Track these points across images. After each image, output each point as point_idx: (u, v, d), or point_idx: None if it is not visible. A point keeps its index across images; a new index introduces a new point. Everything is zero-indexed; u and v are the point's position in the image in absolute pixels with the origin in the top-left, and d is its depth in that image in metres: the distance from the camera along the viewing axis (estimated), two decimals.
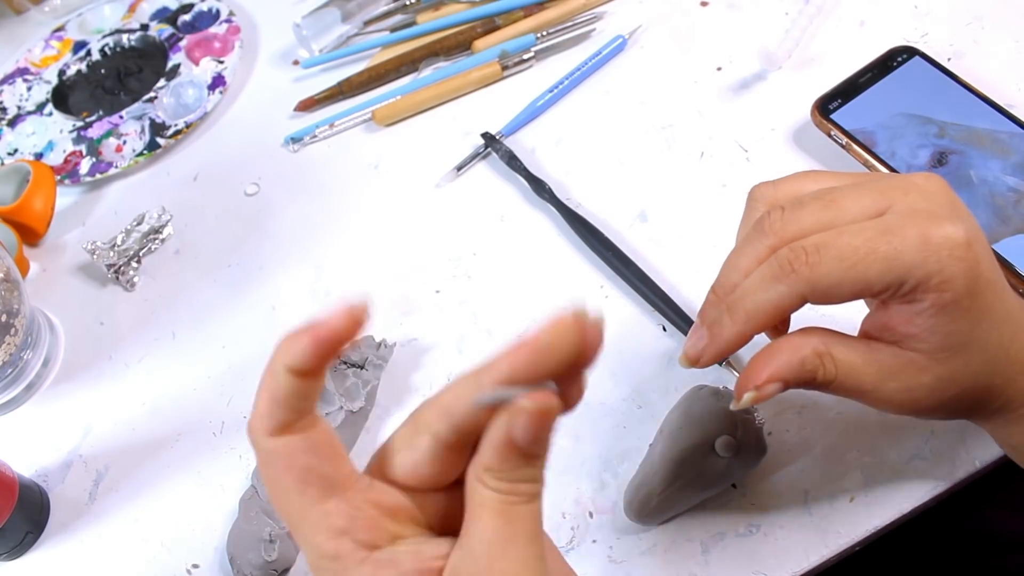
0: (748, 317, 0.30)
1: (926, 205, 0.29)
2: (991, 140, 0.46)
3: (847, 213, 0.29)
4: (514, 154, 0.54)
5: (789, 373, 0.30)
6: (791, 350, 0.30)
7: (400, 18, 0.66)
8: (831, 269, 0.28)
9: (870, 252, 0.28)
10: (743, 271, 0.31)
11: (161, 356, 0.52)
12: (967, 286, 0.28)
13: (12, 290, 0.49)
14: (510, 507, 0.24)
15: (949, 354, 0.29)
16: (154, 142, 0.62)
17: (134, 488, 0.46)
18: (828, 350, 0.30)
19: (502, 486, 0.24)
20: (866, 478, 0.39)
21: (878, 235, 0.28)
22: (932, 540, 0.46)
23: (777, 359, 0.30)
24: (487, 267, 0.50)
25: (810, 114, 0.50)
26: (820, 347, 0.30)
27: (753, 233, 0.31)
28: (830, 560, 0.38)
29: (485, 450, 0.24)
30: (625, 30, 0.59)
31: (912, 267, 0.27)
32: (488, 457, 0.24)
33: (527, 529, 0.24)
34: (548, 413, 0.23)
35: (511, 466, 0.24)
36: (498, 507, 0.24)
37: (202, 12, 0.70)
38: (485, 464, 0.24)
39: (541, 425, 0.23)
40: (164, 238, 0.57)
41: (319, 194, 0.57)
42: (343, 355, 0.46)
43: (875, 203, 0.29)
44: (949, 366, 0.29)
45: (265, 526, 0.40)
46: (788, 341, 0.30)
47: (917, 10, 0.55)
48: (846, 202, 0.29)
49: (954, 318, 0.28)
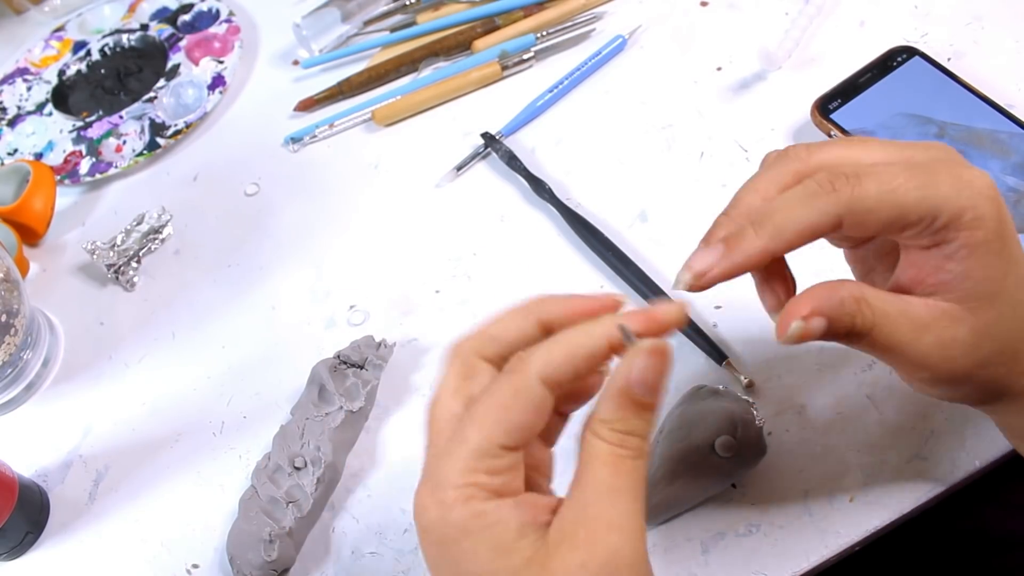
0: (777, 231, 0.29)
1: (947, 157, 0.29)
2: (991, 140, 0.46)
3: (873, 154, 0.30)
4: (514, 154, 0.54)
5: (831, 310, 0.28)
6: (829, 290, 0.29)
7: (400, 18, 0.66)
8: (871, 192, 0.28)
9: (908, 180, 0.28)
10: (762, 194, 0.30)
11: (161, 356, 0.52)
12: (997, 228, 0.28)
13: (12, 290, 0.49)
14: (620, 460, 0.26)
15: (982, 303, 0.28)
16: (154, 142, 0.62)
17: (134, 488, 0.46)
18: (863, 296, 0.29)
19: (614, 437, 0.26)
20: (866, 478, 0.39)
21: (912, 169, 0.28)
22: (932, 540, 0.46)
23: (817, 296, 0.29)
24: (487, 267, 0.50)
25: (810, 114, 0.50)
26: (856, 292, 0.29)
27: (776, 160, 0.31)
28: (830, 560, 0.38)
29: (601, 403, 0.27)
30: (625, 30, 0.59)
31: (947, 199, 0.27)
32: (604, 408, 0.27)
33: (634, 483, 0.26)
34: (665, 356, 0.26)
35: (624, 415, 0.26)
36: (609, 459, 0.26)
37: (202, 12, 0.70)
38: (600, 416, 0.27)
39: (658, 368, 0.26)
40: (164, 238, 0.57)
41: (319, 194, 0.57)
42: (344, 355, 0.46)
43: (900, 151, 0.30)
44: (983, 316, 0.29)
45: (265, 526, 0.40)
46: (822, 285, 0.29)
47: (917, 10, 0.55)
48: (871, 145, 0.30)
49: (986, 262, 0.28)
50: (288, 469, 0.42)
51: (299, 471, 0.42)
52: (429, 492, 0.27)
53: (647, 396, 0.26)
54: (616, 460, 0.26)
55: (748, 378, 0.42)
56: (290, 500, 0.41)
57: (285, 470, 0.42)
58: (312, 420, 0.44)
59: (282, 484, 0.42)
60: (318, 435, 0.43)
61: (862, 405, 0.41)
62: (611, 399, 0.26)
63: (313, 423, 0.43)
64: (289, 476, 0.42)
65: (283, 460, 0.43)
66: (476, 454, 0.26)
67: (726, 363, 0.43)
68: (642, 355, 0.26)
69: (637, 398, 0.26)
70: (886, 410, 0.40)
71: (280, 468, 0.43)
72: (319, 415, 0.44)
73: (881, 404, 0.41)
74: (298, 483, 0.42)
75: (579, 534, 0.25)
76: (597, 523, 0.25)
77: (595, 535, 0.25)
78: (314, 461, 0.42)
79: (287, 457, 0.43)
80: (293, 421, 0.44)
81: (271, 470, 0.43)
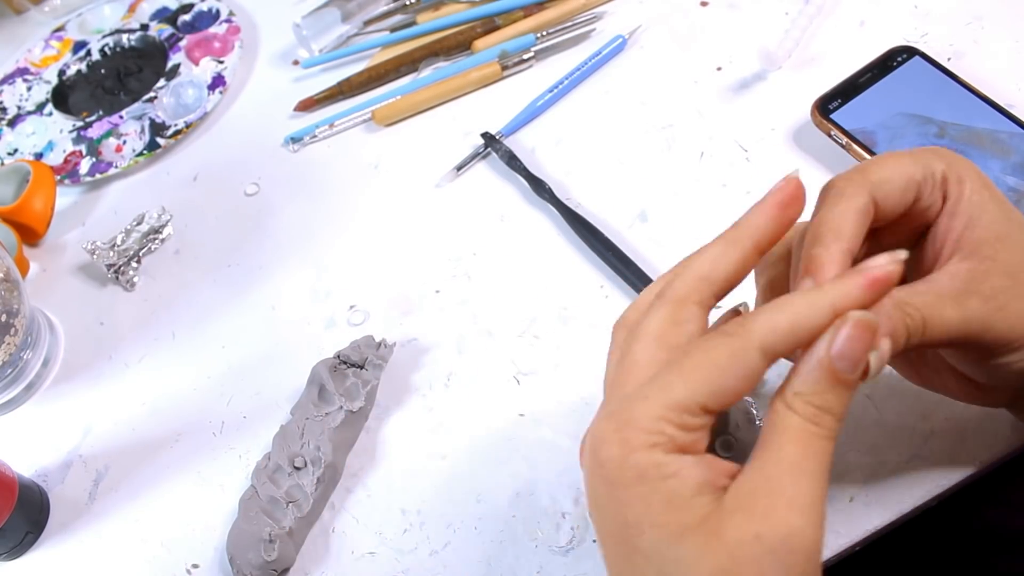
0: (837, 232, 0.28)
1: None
2: (991, 140, 0.46)
3: None
4: (514, 154, 0.54)
5: (888, 328, 0.27)
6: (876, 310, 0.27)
7: (400, 18, 0.66)
8: (878, 169, 0.30)
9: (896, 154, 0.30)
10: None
11: (161, 356, 0.52)
12: (976, 177, 0.30)
13: (12, 290, 0.49)
14: (811, 437, 0.25)
15: (996, 246, 0.29)
16: (154, 142, 0.62)
17: (134, 488, 0.46)
18: (901, 300, 0.28)
19: (809, 411, 0.25)
20: (866, 478, 0.39)
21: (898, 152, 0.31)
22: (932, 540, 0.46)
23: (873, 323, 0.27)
24: (487, 267, 0.50)
25: (810, 114, 0.50)
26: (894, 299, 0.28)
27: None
28: (830, 560, 0.38)
29: (798, 373, 0.26)
30: (625, 30, 0.59)
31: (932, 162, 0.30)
32: (800, 380, 0.26)
33: (821, 465, 0.25)
34: (873, 331, 0.25)
35: (821, 388, 0.25)
36: (800, 435, 0.25)
37: (202, 12, 0.70)
38: (796, 388, 0.26)
39: (864, 341, 0.25)
40: (164, 238, 0.57)
41: (319, 194, 0.57)
42: (344, 355, 0.46)
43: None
44: (1006, 257, 0.29)
45: (265, 526, 0.40)
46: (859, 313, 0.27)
47: (917, 10, 0.55)
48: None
49: (982, 206, 0.29)
50: (288, 469, 0.42)
51: (299, 471, 0.42)
52: (614, 429, 0.26)
53: (848, 371, 0.25)
54: (807, 437, 0.25)
55: None
56: (290, 500, 0.42)
57: (285, 470, 0.42)
58: (312, 420, 0.44)
59: (282, 484, 0.42)
60: (318, 435, 0.43)
61: (862, 405, 0.41)
62: (810, 371, 0.25)
63: (313, 423, 0.43)
64: (289, 476, 0.42)
65: (283, 460, 0.43)
66: (676, 407, 0.26)
67: None
68: (848, 326, 0.25)
69: (838, 372, 0.25)
70: (886, 410, 0.40)
71: (280, 468, 0.43)
72: (319, 415, 0.44)
73: (881, 404, 0.40)
74: (298, 483, 0.42)
75: (757, 506, 0.24)
76: (779, 498, 0.24)
77: (775, 510, 0.24)
78: (314, 461, 0.42)
79: (287, 457, 0.43)
80: (293, 421, 0.44)
81: (271, 470, 0.43)
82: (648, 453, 0.25)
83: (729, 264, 0.28)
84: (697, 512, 0.25)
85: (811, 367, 0.25)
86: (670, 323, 0.27)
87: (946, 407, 0.40)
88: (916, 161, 0.30)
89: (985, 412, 0.38)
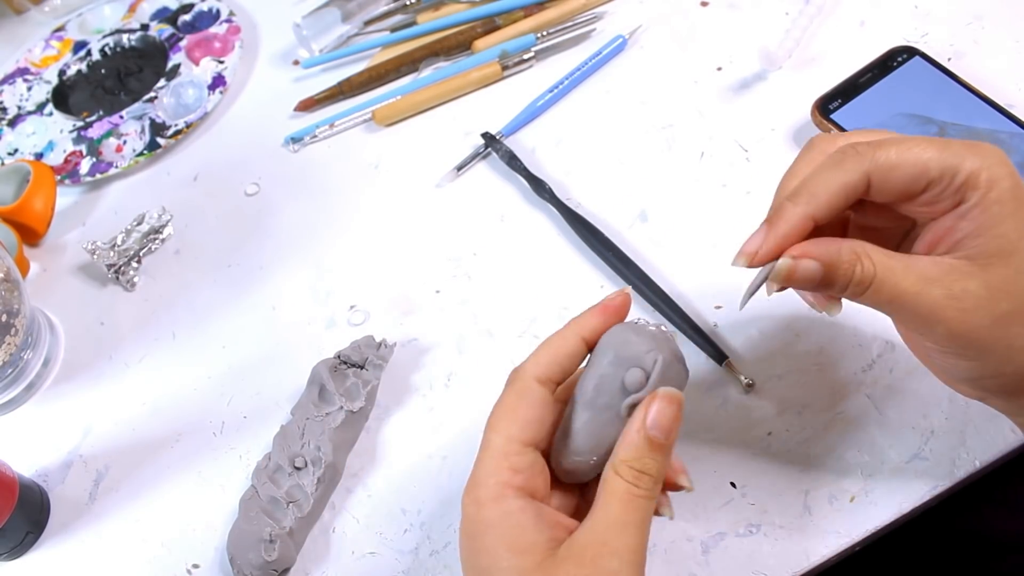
0: (812, 196, 0.30)
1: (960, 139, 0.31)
2: (991, 140, 0.46)
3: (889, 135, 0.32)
4: (514, 154, 0.54)
5: (827, 256, 0.30)
6: (830, 241, 0.30)
7: (400, 18, 0.66)
8: (892, 153, 0.30)
9: (927, 145, 0.30)
10: (798, 177, 0.32)
11: (161, 356, 0.52)
12: (1012, 190, 0.29)
13: (12, 290, 0.49)
14: (632, 497, 0.29)
15: (994, 259, 0.29)
16: (154, 142, 0.62)
17: (134, 488, 0.46)
18: (865, 251, 0.30)
19: (631, 475, 0.30)
20: (866, 478, 0.39)
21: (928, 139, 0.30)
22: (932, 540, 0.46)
23: (817, 244, 0.30)
24: (487, 267, 0.50)
25: (810, 114, 0.50)
26: (857, 247, 0.30)
27: (804, 149, 0.33)
28: (830, 560, 0.38)
29: (622, 445, 0.30)
30: (625, 30, 0.59)
31: (964, 158, 0.29)
32: (624, 448, 0.30)
33: (641, 520, 0.29)
34: (678, 403, 0.30)
35: (640, 454, 0.30)
36: (624, 495, 0.29)
37: (202, 12, 0.70)
38: (621, 456, 0.30)
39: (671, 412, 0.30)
40: (164, 238, 0.57)
41: (319, 194, 0.57)
42: (344, 355, 0.46)
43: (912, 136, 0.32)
44: (996, 272, 0.29)
45: (265, 526, 0.40)
46: (823, 238, 0.31)
47: (917, 10, 0.55)
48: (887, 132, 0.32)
49: (999, 220, 0.29)
50: (288, 469, 0.42)
51: (299, 471, 0.42)
52: (467, 492, 0.31)
53: (661, 437, 0.30)
54: (629, 497, 0.29)
55: (748, 378, 0.42)
56: (290, 500, 0.42)
57: (285, 470, 0.42)
58: (312, 420, 0.44)
59: (282, 484, 0.42)
60: (318, 435, 0.43)
61: (862, 405, 0.41)
62: (631, 441, 0.30)
63: (313, 423, 0.43)
64: (289, 476, 0.42)
65: (283, 460, 0.43)
66: (499, 453, 0.31)
67: (726, 363, 0.43)
68: (658, 400, 0.30)
69: (653, 439, 0.30)
70: (886, 410, 0.40)
71: (280, 468, 0.43)
72: (319, 415, 0.44)
73: (881, 404, 0.41)
74: (298, 483, 0.42)
75: (586, 554, 0.29)
76: (603, 548, 0.29)
77: (599, 558, 0.29)
78: (314, 461, 0.42)
79: (287, 457, 0.43)
80: (293, 421, 0.44)
81: (271, 470, 0.43)
82: (496, 505, 0.30)
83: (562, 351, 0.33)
84: (535, 558, 0.29)
85: (631, 437, 0.30)
86: (517, 398, 0.32)
87: (946, 407, 0.40)
88: (940, 155, 0.29)
89: (985, 412, 0.38)
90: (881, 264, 0.30)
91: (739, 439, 0.41)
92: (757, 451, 0.40)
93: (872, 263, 0.30)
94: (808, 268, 0.30)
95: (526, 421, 0.31)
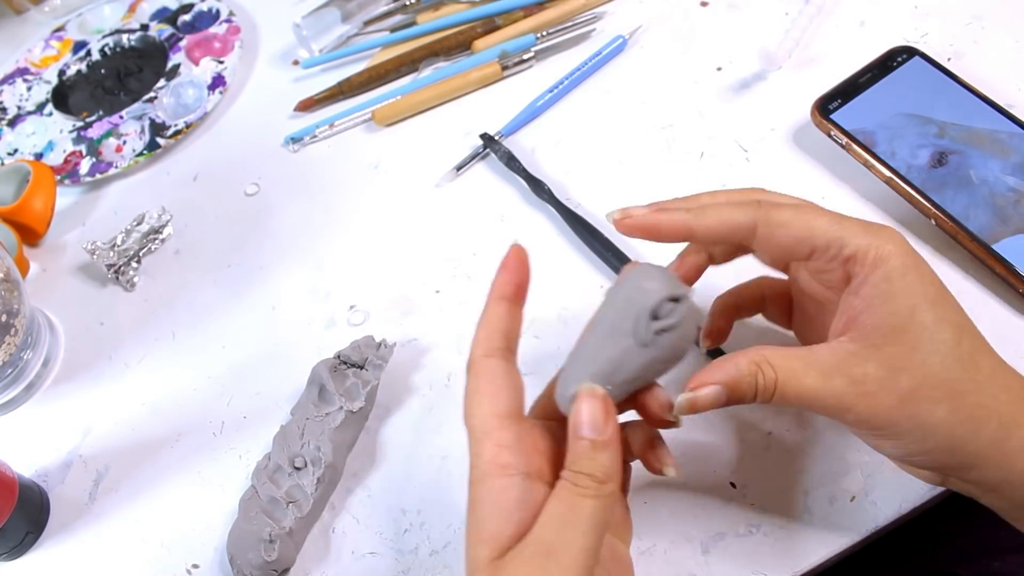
0: (700, 214, 0.33)
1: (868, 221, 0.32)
2: (991, 140, 0.46)
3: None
4: (513, 155, 0.54)
5: (727, 377, 0.31)
6: (728, 360, 0.31)
7: (400, 18, 0.66)
8: (787, 212, 0.32)
9: (821, 214, 0.32)
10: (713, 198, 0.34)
11: (161, 356, 0.52)
12: (902, 267, 0.30)
13: (12, 290, 0.49)
14: (573, 496, 0.29)
15: (887, 338, 0.29)
16: (154, 142, 0.62)
17: (134, 488, 0.46)
18: (764, 358, 0.31)
19: (571, 476, 0.30)
20: (866, 478, 0.39)
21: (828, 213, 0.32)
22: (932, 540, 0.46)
23: (715, 369, 0.31)
24: (487, 267, 0.50)
25: (810, 114, 0.50)
26: (755, 356, 0.31)
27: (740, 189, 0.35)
28: (830, 560, 0.38)
29: (568, 452, 0.30)
30: (625, 30, 0.59)
31: (854, 235, 0.30)
32: (568, 457, 0.30)
33: (584, 521, 0.29)
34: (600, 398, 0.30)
35: (580, 456, 0.30)
36: (565, 495, 0.29)
37: (202, 12, 0.70)
38: (566, 464, 0.30)
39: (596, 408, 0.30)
40: (164, 238, 0.57)
41: (319, 194, 0.57)
42: (344, 355, 0.46)
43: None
44: (889, 351, 0.29)
45: (265, 526, 0.40)
46: (726, 357, 0.32)
47: (917, 10, 0.55)
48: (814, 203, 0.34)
49: (889, 297, 0.30)
50: (288, 469, 0.42)
51: (299, 471, 0.42)
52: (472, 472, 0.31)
53: (597, 434, 0.30)
54: (570, 496, 0.29)
55: None
56: (290, 500, 0.42)
57: (285, 470, 0.42)
58: (312, 420, 0.44)
59: (282, 484, 0.42)
60: (318, 435, 0.43)
61: None
62: (572, 448, 0.30)
63: (313, 423, 0.43)
64: (289, 476, 0.42)
65: (283, 460, 0.43)
66: (480, 434, 0.31)
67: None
68: (579, 401, 0.31)
69: (589, 438, 0.30)
70: None
71: (280, 468, 0.43)
72: (319, 415, 0.44)
73: None
74: (298, 483, 0.42)
75: (526, 553, 0.29)
76: (541, 547, 0.28)
77: (535, 557, 0.28)
78: (314, 461, 0.42)
79: (287, 457, 0.43)
80: (293, 421, 0.44)
81: (271, 470, 0.43)
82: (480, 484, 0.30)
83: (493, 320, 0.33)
84: (489, 552, 0.29)
85: (571, 445, 0.30)
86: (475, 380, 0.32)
87: None
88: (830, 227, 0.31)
89: None
90: (781, 368, 0.30)
91: (739, 439, 0.41)
92: (757, 451, 0.40)
93: (772, 368, 0.30)
94: (707, 397, 0.31)
95: (491, 395, 0.31)
